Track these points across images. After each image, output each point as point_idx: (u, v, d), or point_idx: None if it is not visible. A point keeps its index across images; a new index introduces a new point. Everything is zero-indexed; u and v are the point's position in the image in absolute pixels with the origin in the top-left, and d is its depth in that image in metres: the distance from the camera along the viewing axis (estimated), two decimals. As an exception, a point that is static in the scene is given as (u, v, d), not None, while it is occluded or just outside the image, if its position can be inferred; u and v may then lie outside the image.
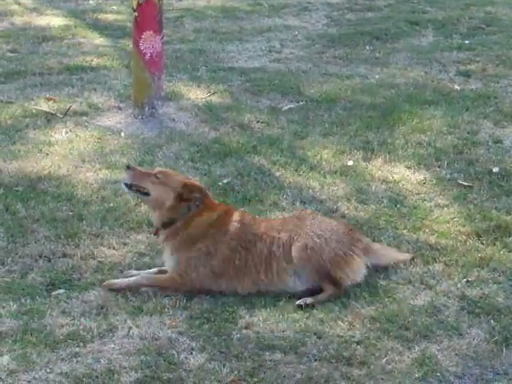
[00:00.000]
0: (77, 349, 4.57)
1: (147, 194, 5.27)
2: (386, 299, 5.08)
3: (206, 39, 11.16)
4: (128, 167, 5.39)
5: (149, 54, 7.92)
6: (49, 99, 8.59)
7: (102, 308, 4.99)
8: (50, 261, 5.51)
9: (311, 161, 7.15)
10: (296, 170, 6.98)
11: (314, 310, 4.94)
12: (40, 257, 5.54)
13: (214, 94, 8.90)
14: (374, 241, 5.62)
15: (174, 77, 9.34)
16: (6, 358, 4.42)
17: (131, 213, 6.19)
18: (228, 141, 7.63)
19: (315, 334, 4.73)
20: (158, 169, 5.55)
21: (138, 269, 5.41)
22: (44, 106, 8.38)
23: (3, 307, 4.94)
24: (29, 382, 4.24)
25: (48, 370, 4.35)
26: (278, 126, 8.03)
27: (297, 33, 11.44)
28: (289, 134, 7.79)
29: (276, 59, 10.27)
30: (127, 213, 6.20)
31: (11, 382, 4.20)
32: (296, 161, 7.16)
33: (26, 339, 4.63)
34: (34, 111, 8.24)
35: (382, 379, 4.38)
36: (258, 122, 8.14)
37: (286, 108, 8.50)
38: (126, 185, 5.33)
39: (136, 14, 7.86)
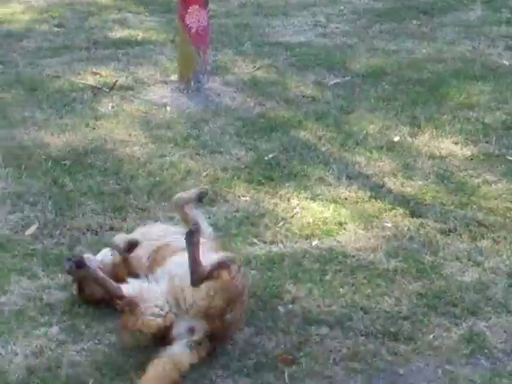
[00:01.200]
0: (124, 321, 4.60)
1: None
2: (433, 275, 5.05)
3: (252, 14, 11.09)
4: None
5: (194, 29, 7.91)
6: (95, 73, 8.62)
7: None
8: (97, 234, 5.55)
9: (357, 136, 7.11)
10: (342, 145, 6.94)
11: (361, 286, 4.93)
12: (87, 230, 5.58)
13: (259, 68, 8.87)
14: (419, 216, 5.61)
15: (219, 51, 9.32)
16: (55, 329, 4.47)
17: (177, 187, 6.20)
18: (274, 115, 7.61)
19: (361, 309, 4.72)
20: None
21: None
22: (90, 81, 8.41)
23: (52, 279, 4.98)
24: (77, 352, 4.29)
25: (96, 341, 4.39)
26: (324, 100, 7.98)
27: (343, 7, 11.32)
28: (335, 108, 7.74)
29: (322, 34, 10.18)
30: (173, 187, 6.21)
31: (60, 352, 4.25)
32: (342, 136, 7.12)
33: (74, 311, 4.68)
34: (80, 85, 8.28)
35: (429, 355, 4.37)
36: (303, 96, 8.10)
37: (331, 83, 8.45)
38: None
39: (182, -12, 7.87)
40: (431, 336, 4.50)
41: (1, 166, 6.39)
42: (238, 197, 6.12)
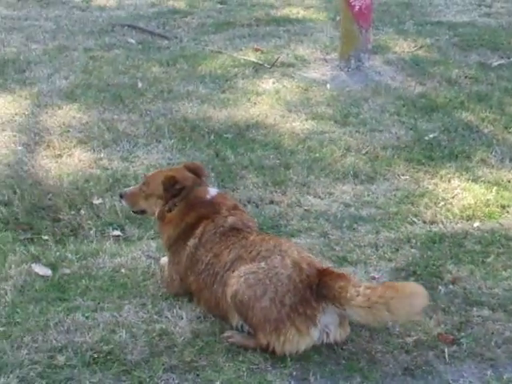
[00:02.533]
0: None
1: (145, 211, 4.80)
2: None
3: (413, -8, 10.97)
4: (120, 196, 4.86)
5: (358, 7, 7.88)
6: (256, 50, 8.74)
7: (307, 254, 5.07)
8: (257, 206, 5.65)
9: (522, 118, 6.95)
10: (506, 128, 6.79)
11: (526, 271, 4.83)
12: (248, 202, 5.68)
13: (420, 48, 8.77)
14: None
15: (380, 30, 9.27)
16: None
17: (337, 163, 6.24)
18: (435, 95, 7.52)
19: (525, 293, 4.62)
20: (145, 176, 5.06)
21: (342, 219, 5.44)
22: (252, 57, 8.54)
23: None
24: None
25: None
26: (487, 81, 7.82)
27: (508, -14, 11.04)
28: (498, 90, 7.57)
29: (486, 13, 9.97)
30: (333, 163, 6.24)
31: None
32: (506, 118, 6.96)
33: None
34: (242, 61, 8.42)
35: None
36: (466, 77, 7.96)
37: (495, 64, 8.26)
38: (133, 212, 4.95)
39: (347, -35, 7.85)
40: None
41: (166, 138, 6.59)
42: (398, 175, 6.09)
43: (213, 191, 4.59)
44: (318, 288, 3.95)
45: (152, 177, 4.73)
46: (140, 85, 7.75)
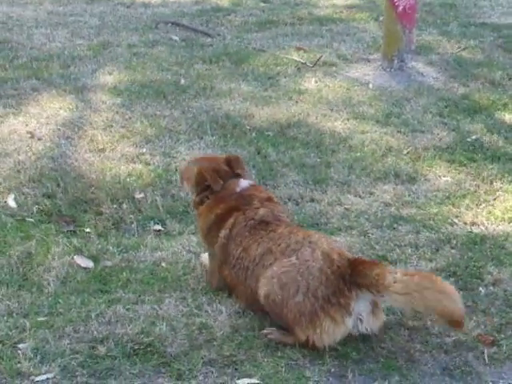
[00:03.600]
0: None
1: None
2: None
3: (458, -7, 10.92)
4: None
5: (401, 7, 7.86)
6: (299, 49, 8.76)
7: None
8: (298, 204, 5.66)
9: None
10: (549, 130, 6.75)
11: None
12: (289, 199, 5.69)
13: (464, 49, 8.73)
14: None
15: (423, 30, 9.24)
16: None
17: (378, 163, 6.23)
18: (478, 97, 7.49)
19: None
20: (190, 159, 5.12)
21: (382, 218, 5.44)
22: (294, 55, 8.55)
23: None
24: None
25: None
26: (532, 84, 7.78)
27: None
28: (543, 92, 7.53)
29: (531, 16, 9.91)
30: (374, 163, 6.24)
31: (262, 316, 4.36)
32: (551, 120, 6.92)
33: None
34: (284, 60, 8.43)
35: None
36: (509, 79, 7.93)
37: (540, 66, 8.21)
38: None
39: (391, -35, 7.84)
40: None
41: (208, 134, 6.62)
42: (439, 176, 6.07)
43: (244, 183, 4.58)
44: (352, 277, 3.97)
45: (186, 169, 4.76)
46: (183, 81, 7.80)
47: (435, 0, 10.55)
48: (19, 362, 3.88)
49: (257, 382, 3.85)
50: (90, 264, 4.80)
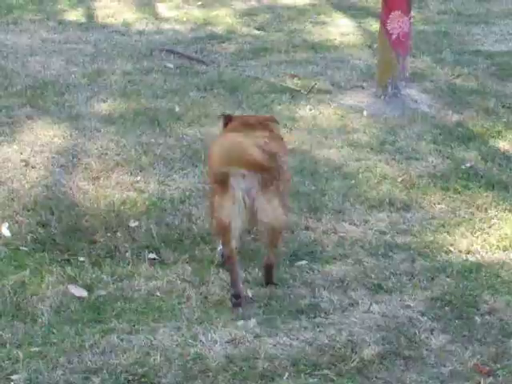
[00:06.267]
0: (318, 319, 4.66)
1: None
2: None
3: (451, 21, 10.96)
4: None
5: (395, 35, 7.90)
6: (293, 76, 8.78)
7: (342, 282, 5.04)
8: (293, 232, 5.64)
9: (562, 150, 6.90)
10: (544, 158, 6.76)
11: None
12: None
13: (458, 76, 8.76)
14: None
15: (417, 58, 9.27)
16: (252, 322, 4.57)
17: (372, 191, 6.23)
18: (472, 125, 7.50)
19: None
20: None
21: (377, 246, 5.43)
22: (289, 83, 8.57)
23: (249, 273, 5.11)
24: (274, 345, 4.36)
25: (292, 337, 4.45)
26: (525, 111, 7.79)
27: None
28: (537, 120, 7.54)
29: (524, 43, 9.95)
30: (368, 191, 6.24)
31: (258, 344, 4.33)
32: (545, 148, 6.93)
33: (271, 305, 4.78)
34: (279, 87, 8.45)
35: None
36: (503, 106, 7.93)
37: (534, 94, 8.23)
38: None
39: (385, -7, 7.88)
40: None
41: (202, 162, 6.60)
42: (434, 204, 6.07)
43: None
44: None
45: None
46: (177, 109, 7.81)
47: (428, 28, 10.59)
48: (12, 394, 3.86)
49: (252, 413, 3.83)
50: (83, 293, 4.78)
